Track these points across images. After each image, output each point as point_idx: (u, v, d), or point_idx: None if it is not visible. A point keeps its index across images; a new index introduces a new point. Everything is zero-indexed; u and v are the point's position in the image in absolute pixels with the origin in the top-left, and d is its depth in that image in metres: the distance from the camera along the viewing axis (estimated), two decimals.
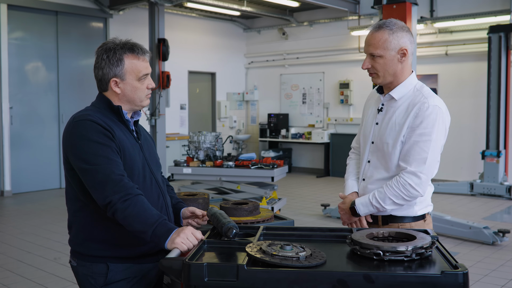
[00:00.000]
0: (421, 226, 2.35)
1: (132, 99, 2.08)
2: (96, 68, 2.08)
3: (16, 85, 8.98)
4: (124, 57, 2.03)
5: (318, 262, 1.58)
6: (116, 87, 2.05)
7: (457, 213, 7.38)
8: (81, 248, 2.03)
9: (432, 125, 2.21)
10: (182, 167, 5.72)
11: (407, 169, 2.22)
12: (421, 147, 2.21)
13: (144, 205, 1.88)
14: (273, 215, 2.41)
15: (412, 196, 2.22)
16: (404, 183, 2.21)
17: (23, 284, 4.57)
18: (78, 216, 2.03)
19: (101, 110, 2.06)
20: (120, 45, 2.05)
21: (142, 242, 2.01)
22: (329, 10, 11.39)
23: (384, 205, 2.25)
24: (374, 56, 2.27)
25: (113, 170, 1.90)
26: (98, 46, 2.10)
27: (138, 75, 2.06)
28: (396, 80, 2.31)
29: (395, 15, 5.61)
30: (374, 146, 2.37)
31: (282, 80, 12.66)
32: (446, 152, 9.98)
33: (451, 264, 1.58)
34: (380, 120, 2.36)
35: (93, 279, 2.00)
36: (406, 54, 2.26)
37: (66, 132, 2.01)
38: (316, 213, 7.50)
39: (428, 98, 2.25)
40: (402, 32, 2.26)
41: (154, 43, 8.96)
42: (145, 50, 2.10)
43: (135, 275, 2.03)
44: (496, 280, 4.67)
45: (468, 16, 9.24)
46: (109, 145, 1.95)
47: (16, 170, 8.94)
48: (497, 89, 8.64)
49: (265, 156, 11.19)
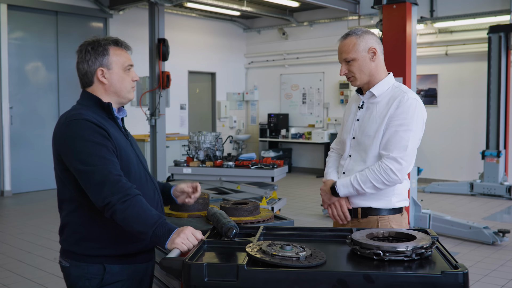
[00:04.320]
0: (399, 219, 2.46)
1: (119, 90, 2.07)
2: (80, 64, 2.06)
3: (16, 85, 8.98)
4: (109, 48, 2.05)
5: (318, 262, 1.58)
6: (103, 77, 2.04)
7: (457, 213, 7.38)
8: (76, 247, 1.98)
9: (411, 116, 2.33)
10: (182, 167, 5.72)
11: (389, 155, 2.32)
12: (401, 136, 2.32)
13: (143, 206, 1.87)
14: (273, 215, 2.41)
15: (391, 181, 2.32)
16: (385, 167, 2.31)
17: (23, 284, 4.57)
18: (74, 215, 2.00)
19: (90, 107, 2.03)
20: (104, 38, 2.07)
21: (137, 239, 2.00)
22: (329, 10, 11.39)
23: (365, 188, 2.35)
24: (348, 61, 2.44)
25: (110, 171, 1.87)
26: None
27: (124, 65, 2.07)
28: (373, 79, 2.45)
29: (395, 15, 5.61)
30: (355, 141, 2.48)
31: (282, 80, 12.66)
32: (446, 152, 10.06)
33: (451, 264, 1.58)
34: (361, 116, 2.49)
35: (88, 281, 1.97)
36: (376, 52, 2.42)
37: (59, 132, 1.98)
38: (316, 213, 7.50)
39: (407, 93, 2.39)
40: (367, 35, 2.44)
41: (154, 43, 8.96)
42: (128, 45, 2.12)
43: (129, 278, 2.02)
44: (496, 280, 4.67)
45: (468, 16, 9.24)
46: (105, 145, 1.92)
47: (16, 170, 8.94)
48: (497, 89, 8.64)
49: (265, 156, 11.19)
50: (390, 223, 2.42)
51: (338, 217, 2.48)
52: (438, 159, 10.08)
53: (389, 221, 2.42)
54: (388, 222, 2.42)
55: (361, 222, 2.45)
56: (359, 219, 2.46)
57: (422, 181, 10.00)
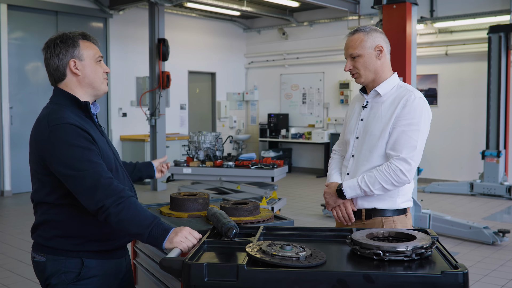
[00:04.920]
0: (403, 220, 2.42)
1: (93, 81, 2.05)
2: (49, 59, 2.02)
3: (16, 85, 8.98)
4: (78, 40, 2.04)
5: (318, 262, 1.58)
6: (76, 68, 2.02)
7: (457, 213, 7.38)
8: (53, 243, 1.98)
9: (419, 115, 2.31)
10: (182, 167, 5.72)
11: (398, 156, 2.28)
12: (409, 135, 2.29)
13: (137, 207, 1.88)
14: (273, 215, 2.40)
15: (401, 181, 2.29)
16: (395, 169, 2.27)
17: (23, 284, 4.57)
18: (52, 213, 1.98)
19: (68, 107, 2.00)
20: (71, 32, 2.06)
21: (116, 236, 2.03)
22: (329, 10, 11.39)
23: (373, 189, 2.31)
24: (354, 57, 2.42)
25: (101, 174, 1.87)
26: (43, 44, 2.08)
27: (95, 56, 2.06)
28: (378, 78, 2.43)
29: (395, 15, 5.61)
30: (359, 141, 2.45)
31: (282, 80, 12.65)
32: (446, 152, 10.05)
33: (451, 264, 1.58)
34: (365, 116, 2.46)
35: (64, 274, 1.96)
36: (382, 51, 2.41)
37: (41, 137, 1.93)
38: (316, 213, 7.50)
39: (413, 92, 2.37)
40: (376, 33, 2.42)
41: (154, 43, 8.96)
42: (96, 40, 2.12)
43: (105, 273, 2.03)
44: (496, 280, 4.67)
45: (468, 16, 9.24)
46: (91, 149, 1.92)
47: (16, 170, 8.94)
48: (497, 89, 8.64)
49: (265, 156, 11.19)
50: (395, 224, 2.38)
51: (342, 218, 2.45)
52: (438, 159, 10.08)
53: (394, 222, 2.38)
54: (392, 224, 2.38)
55: (366, 224, 2.41)
56: (363, 221, 2.42)
57: (422, 181, 10.00)
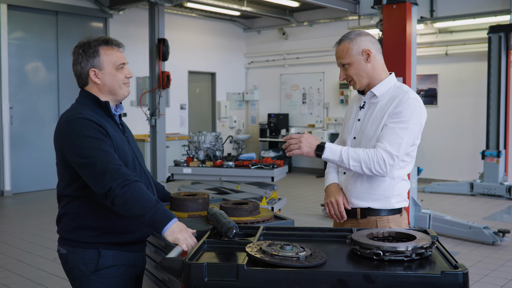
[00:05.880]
0: (398, 220, 2.44)
1: (112, 89, 2.15)
2: (74, 65, 2.15)
3: (16, 85, 8.98)
4: (99, 49, 2.12)
5: (318, 262, 1.58)
6: (96, 77, 2.12)
7: (457, 213, 7.37)
8: (72, 235, 2.08)
9: (410, 114, 2.31)
10: (182, 167, 5.71)
11: (386, 148, 2.27)
12: (397, 132, 2.29)
13: (142, 190, 1.95)
14: (273, 215, 2.40)
15: (379, 172, 2.28)
16: (380, 156, 2.27)
17: (23, 284, 4.57)
18: (70, 206, 2.09)
19: (88, 106, 2.12)
20: (94, 39, 2.14)
21: (132, 230, 2.10)
22: (329, 10, 11.39)
23: (350, 163, 2.30)
24: (345, 66, 2.46)
25: (110, 160, 1.96)
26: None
27: (116, 64, 2.14)
28: (373, 80, 2.45)
29: (395, 15, 5.61)
30: (356, 141, 2.48)
31: (282, 80, 12.65)
32: (446, 152, 10.05)
33: (451, 264, 1.58)
34: (362, 116, 2.48)
35: (84, 266, 2.06)
36: (370, 54, 2.41)
37: (60, 132, 2.07)
38: (316, 213, 7.50)
39: (408, 92, 2.38)
40: (360, 37, 2.44)
41: (154, 43, 8.96)
42: (120, 43, 2.19)
43: (123, 263, 2.10)
44: (496, 280, 4.67)
45: (468, 16, 9.24)
46: (103, 139, 2.02)
47: (16, 170, 8.94)
48: (497, 89, 8.64)
49: (265, 156, 11.19)
50: (389, 223, 2.41)
51: (335, 216, 2.48)
52: (438, 159, 10.08)
53: (388, 221, 2.41)
54: (387, 223, 2.41)
55: (360, 223, 2.45)
56: (358, 220, 2.45)
57: (422, 181, 9.99)
